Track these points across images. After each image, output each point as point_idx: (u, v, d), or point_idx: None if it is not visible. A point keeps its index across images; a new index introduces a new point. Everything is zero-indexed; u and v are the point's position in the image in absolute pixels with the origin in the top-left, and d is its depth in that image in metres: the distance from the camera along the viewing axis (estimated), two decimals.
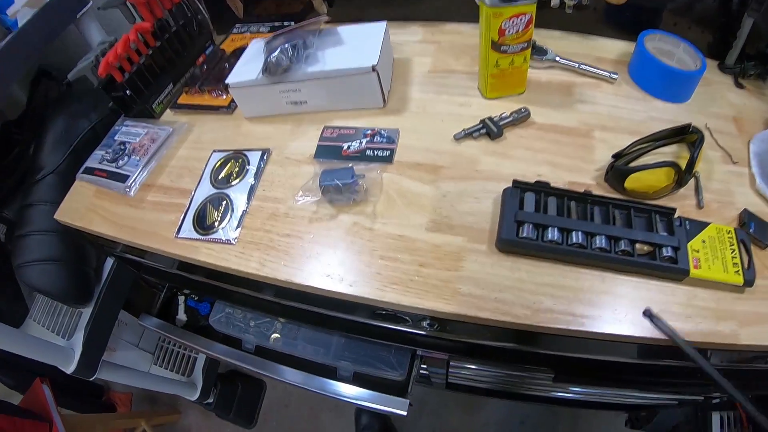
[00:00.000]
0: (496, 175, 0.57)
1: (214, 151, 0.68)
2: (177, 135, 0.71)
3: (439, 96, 0.68)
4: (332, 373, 0.74)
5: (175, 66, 0.78)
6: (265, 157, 0.65)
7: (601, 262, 0.49)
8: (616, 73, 0.65)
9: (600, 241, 0.48)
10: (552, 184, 0.53)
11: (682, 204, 0.53)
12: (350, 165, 0.58)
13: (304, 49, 0.65)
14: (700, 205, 0.53)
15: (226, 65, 0.76)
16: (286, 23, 0.86)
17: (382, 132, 0.63)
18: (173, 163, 0.68)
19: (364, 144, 0.62)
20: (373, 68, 0.62)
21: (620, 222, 0.51)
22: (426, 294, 0.50)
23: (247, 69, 0.67)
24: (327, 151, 0.63)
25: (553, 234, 0.49)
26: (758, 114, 0.61)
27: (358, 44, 0.66)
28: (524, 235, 0.50)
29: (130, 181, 0.65)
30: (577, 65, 0.67)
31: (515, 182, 0.54)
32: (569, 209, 0.52)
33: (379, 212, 0.56)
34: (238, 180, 0.63)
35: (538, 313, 0.48)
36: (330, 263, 0.54)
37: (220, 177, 0.64)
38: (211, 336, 0.81)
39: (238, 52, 0.76)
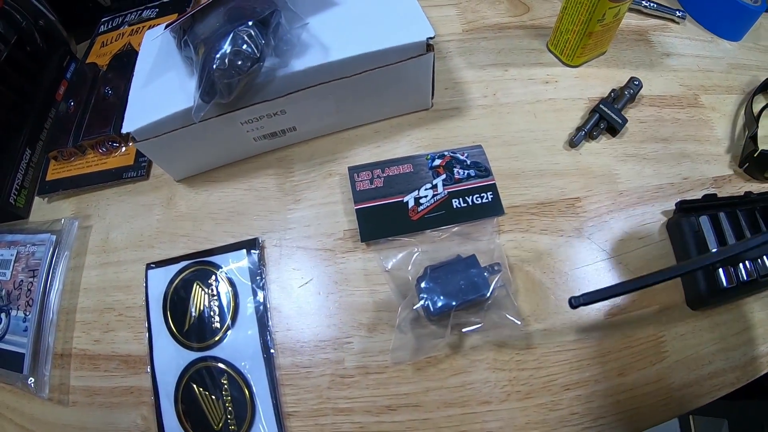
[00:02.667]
0: (646, 193, 0.40)
1: (149, 267, 0.32)
2: (67, 246, 0.35)
3: (505, 71, 0.43)
4: None
5: (26, 116, 0.39)
6: (256, 258, 0.33)
7: None
8: (684, 11, 0.51)
9: None
10: (715, 193, 0.39)
11: None
12: (443, 237, 0.33)
13: (275, 27, 0.31)
14: None
15: (108, 90, 0.37)
16: None
17: (460, 156, 0.37)
18: (85, 303, 0.34)
19: (441, 188, 0.36)
20: (429, 44, 0.33)
21: None
22: (640, 414, 0.34)
23: (155, 92, 0.31)
24: (378, 219, 0.35)
25: (745, 269, 0.37)
26: None
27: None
28: (723, 284, 0.36)
29: (28, 366, 0.31)
30: (643, 2, 0.50)
31: (682, 205, 0.38)
32: (741, 224, 0.39)
33: (528, 312, 0.34)
34: (225, 323, 0.31)
35: (748, 366, 0.37)
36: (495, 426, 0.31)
37: (189, 322, 0.31)
38: None
39: (123, 62, 0.39)
